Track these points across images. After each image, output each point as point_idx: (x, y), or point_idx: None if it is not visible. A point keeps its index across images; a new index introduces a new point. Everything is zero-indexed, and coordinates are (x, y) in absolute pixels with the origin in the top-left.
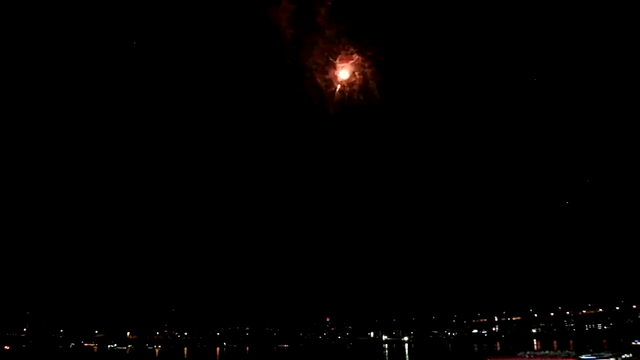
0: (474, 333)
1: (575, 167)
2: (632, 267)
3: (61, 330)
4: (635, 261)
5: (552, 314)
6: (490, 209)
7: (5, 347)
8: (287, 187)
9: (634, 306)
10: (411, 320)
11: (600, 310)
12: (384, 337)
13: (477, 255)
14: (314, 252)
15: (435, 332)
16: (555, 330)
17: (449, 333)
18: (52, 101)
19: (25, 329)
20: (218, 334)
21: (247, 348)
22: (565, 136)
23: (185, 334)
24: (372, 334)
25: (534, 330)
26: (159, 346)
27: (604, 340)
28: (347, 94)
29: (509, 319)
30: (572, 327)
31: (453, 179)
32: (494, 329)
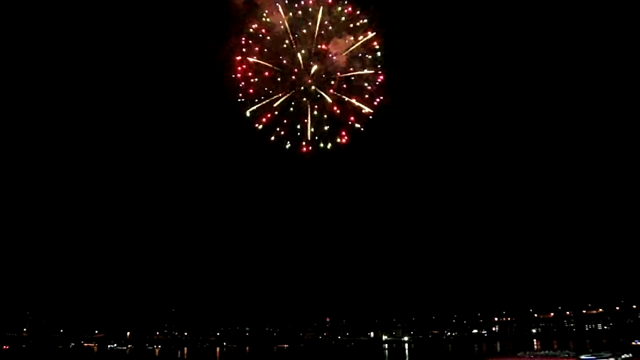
0: (474, 333)
1: (575, 167)
2: (632, 267)
3: (61, 330)
4: (635, 261)
5: (552, 314)
6: (490, 209)
7: (4, 347)
8: (286, 186)
9: (634, 306)
10: (411, 320)
11: (600, 310)
12: (384, 337)
13: (476, 256)
14: (314, 252)
15: (435, 332)
16: (555, 330)
17: (449, 333)
18: (52, 101)
19: (25, 329)
20: (218, 334)
21: (247, 348)
22: (565, 136)
23: (185, 334)
24: (372, 334)
25: (534, 330)
26: (159, 346)
27: (604, 340)
28: (344, 92)
29: (509, 319)
30: (572, 327)
31: (453, 178)
32: (494, 329)
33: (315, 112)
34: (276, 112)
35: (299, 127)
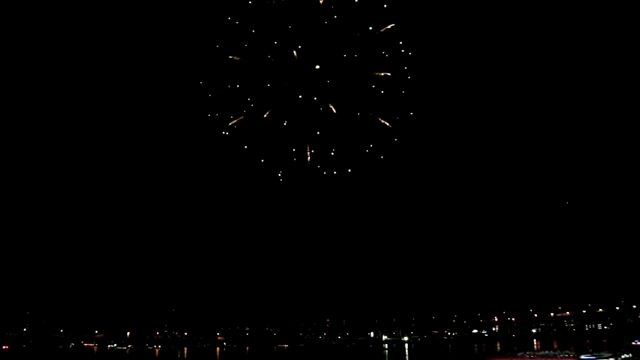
0: (474, 333)
1: (575, 167)
2: (632, 267)
3: (61, 330)
4: (635, 261)
5: (552, 314)
6: (490, 209)
7: (4, 347)
8: (286, 186)
9: (634, 306)
10: (411, 320)
11: (600, 310)
12: (384, 337)
13: (476, 255)
14: (314, 252)
15: (435, 332)
16: (555, 330)
17: (449, 333)
18: (52, 101)
19: (25, 329)
20: (218, 334)
21: (247, 348)
22: (566, 136)
23: (185, 334)
24: (372, 334)
25: (534, 330)
26: (159, 346)
27: (604, 340)
28: (356, 101)
29: (509, 319)
30: (572, 327)
31: (452, 178)
32: (494, 329)
33: (317, 130)
34: (264, 129)
35: (294, 149)
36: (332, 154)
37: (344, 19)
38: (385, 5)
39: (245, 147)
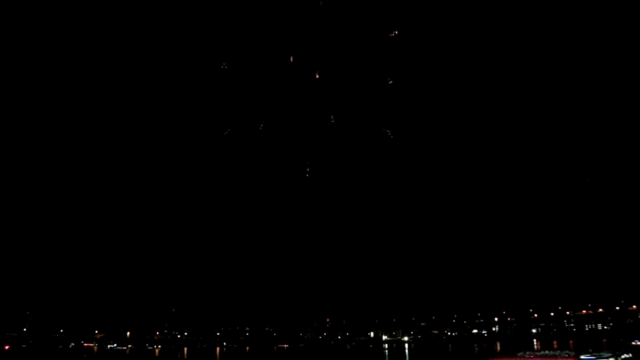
0: (474, 333)
1: (575, 167)
2: (632, 267)
3: (61, 330)
4: (635, 261)
5: (552, 314)
6: (490, 209)
7: (5, 346)
8: (286, 186)
9: (634, 306)
10: (411, 320)
11: (600, 310)
12: (384, 337)
13: (476, 255)
14: (314, 252)
15: (435, 332)
16: (555, 330)
17: (449, 333)
18: (52, 101)
19: (25, 329)
20: (218, 334)
21: (247, 348)
22: (565, 136)
23: (185, 334)
24: (372, 334)
25: (534, 330)
26: (159, 346)
27: (604, 340)
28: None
29: (509, 319)
30: (572, 327)
31: (453, 178)
32: (494, 329)
33: (317, 139)
34: (261, 139)
35: (293, 157)
36: (332, 160)
37: (344, 23)
38: (388, 10)
39: (243, 151)
